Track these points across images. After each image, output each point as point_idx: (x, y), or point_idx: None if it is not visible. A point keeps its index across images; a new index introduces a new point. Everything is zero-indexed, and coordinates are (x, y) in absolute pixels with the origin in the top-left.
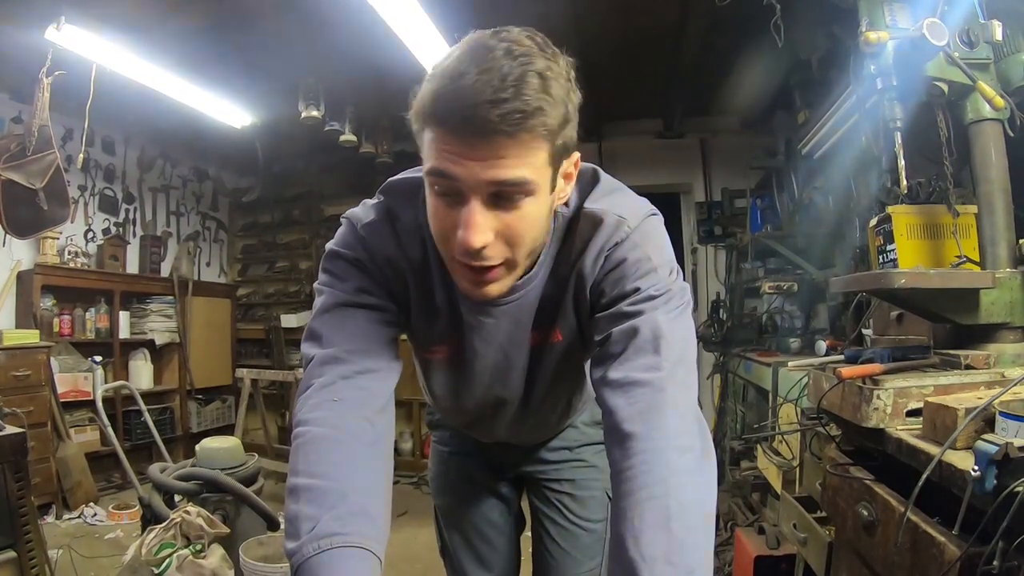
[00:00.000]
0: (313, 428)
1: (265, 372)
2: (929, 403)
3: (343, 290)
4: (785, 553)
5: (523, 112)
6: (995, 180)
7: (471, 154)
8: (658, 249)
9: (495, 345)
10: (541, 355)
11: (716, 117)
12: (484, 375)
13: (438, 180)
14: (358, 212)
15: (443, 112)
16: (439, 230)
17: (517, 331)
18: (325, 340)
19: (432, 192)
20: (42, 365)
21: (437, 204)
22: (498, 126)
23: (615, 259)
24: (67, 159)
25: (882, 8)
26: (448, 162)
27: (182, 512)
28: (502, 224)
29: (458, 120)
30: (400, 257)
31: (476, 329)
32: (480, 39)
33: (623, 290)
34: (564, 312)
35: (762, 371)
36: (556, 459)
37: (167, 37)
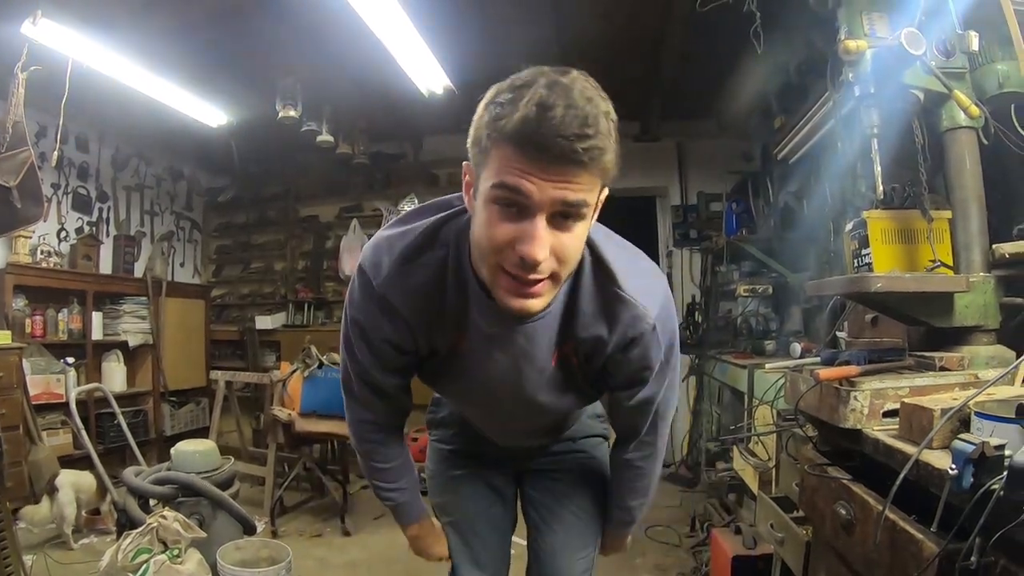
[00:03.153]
0: None
1: (240, 374)
2: (905, 404)
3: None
4: (762, 553)
5: (600, 149)
6: (969, 187)
7: (545, 176)
8: (669, 334)
9: (509, 356)
10: (565, 371)
11: (693, 121)
12: (496, 382)
13: (507, 194)
14: (376, 260)
15: (530, 136)
16: (493, 241)
17: (531, 347)
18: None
19: (491, 205)
20: (14, 367)
21: (495, 216)
22: (579, 157)
23: (637, 347)
24: (40, 156)
25: (861, 17)
26: (522, 179)
27: (158, 517)
28: (557, 242)
29: (544, 146)
30: (432, 289)
31: (495, 342)
32: (552, 76)
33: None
34: (580, 346)
35: (738, 373)
36: (560, 450)
37: (144, 34)
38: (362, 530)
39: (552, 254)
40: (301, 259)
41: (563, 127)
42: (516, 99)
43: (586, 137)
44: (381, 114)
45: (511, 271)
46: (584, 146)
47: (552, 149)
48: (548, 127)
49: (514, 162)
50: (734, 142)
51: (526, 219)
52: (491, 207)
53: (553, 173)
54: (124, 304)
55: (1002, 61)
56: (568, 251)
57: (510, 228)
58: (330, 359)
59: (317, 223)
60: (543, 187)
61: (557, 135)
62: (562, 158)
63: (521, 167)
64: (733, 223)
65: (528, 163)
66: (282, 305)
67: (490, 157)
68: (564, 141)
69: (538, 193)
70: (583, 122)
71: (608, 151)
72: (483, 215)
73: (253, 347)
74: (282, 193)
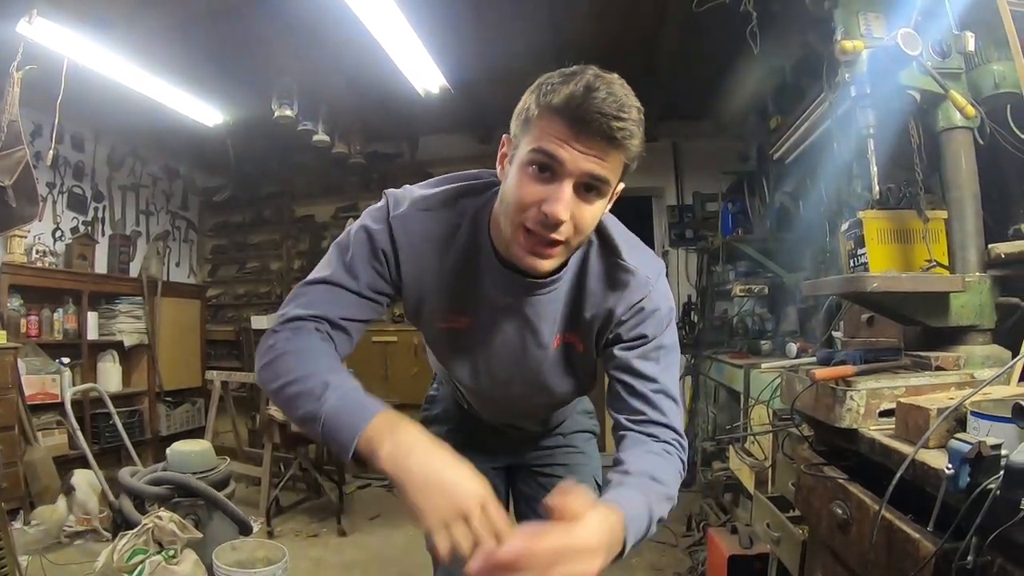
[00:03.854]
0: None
1: (235, 374)
2: (901, 404)
3: (348, 278)
4: (758, 552)
5: (631, 133)
6: (965, 187)
7: (581, 147)
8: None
9: (515, 326)
10: (567, 356)
11: (689, 121)
12: (501, 351)
13: (543, 157)
14: (400, 198)
15: (574, 109)
16: (522, 199)
17: (537, 322)
18: (310, 303)
19: (527, 168)
20: (9, 367)
21: (529, 178)
22: (612, 134)
23: (639, 309)
24: (36, 156)
25: (857, 18)
26: (560, 147)
27: (154, 517)
28: (578, 210)
29: (584, 119)
30: (439, 246)
31: (503, 311)
32: (598, 71)
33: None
34: (587, 329)
35: (734, 373)
36: (551, 444)
37: (140, 33)
38: (358, 530)
39: (571, 220)
40: (297, 259)
41: (604, 106)
42: (566, 81)
43: (621, 119)
44: (377, 114)
45: (532, 228)
46: (619, 125)
47: (592, 123)
48: (591, 104)
49: (555, 131)
50: (730, 142)
51: (555, 182)
52: (526, 169)
53: (588, 146)
54: (120, 304)
55: (998, 62)
56: (585, 221)
57: (540, 189)
58: None
59: (313, 223)
60: (576, 157)
61: (598, 111)
62: (599, 133)
63: (561, 136)
64: (729, 223)
65: (568, 133)
66: (278, 305)
67: (532, 126)
68: (603, 118)
69: (571, 161)
70: (620, 107)
71: (636, 138)
72: (516, 177)
73: (249, 347)
74: (278, 193)
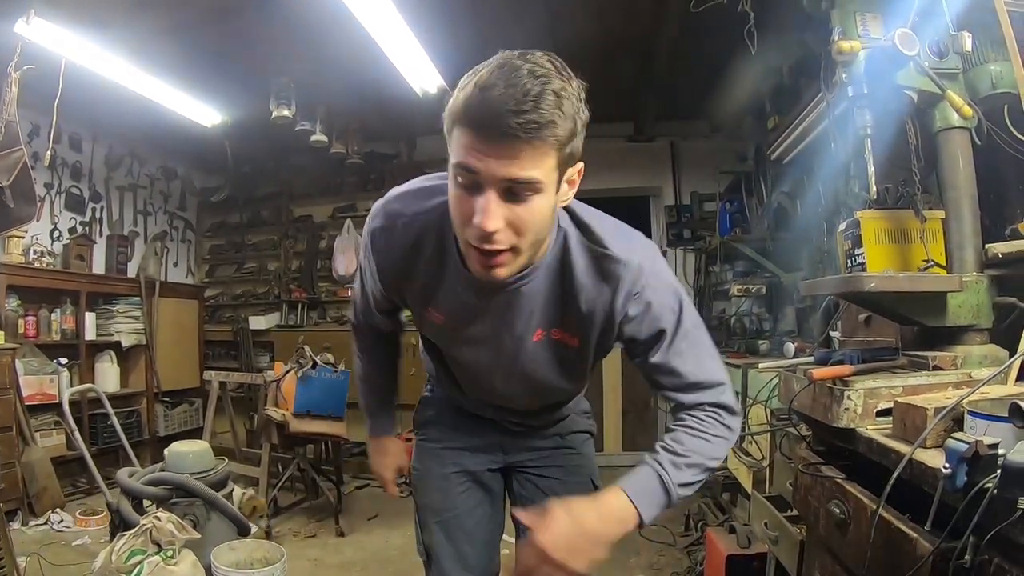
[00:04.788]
0: None
1: (233, 374)
2: (899, 403)
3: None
4: (756, 552)
5: (538, 123)
6: (962, 187)
7: (491, 153)
8: (669, 288)
9: (487, 323)
10: (552, 351)
11: (687, 121)
12: (474, 346)
13: (461, 173)
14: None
15: (472, 116)
16: (458, 216)
17: (511, 316)
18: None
19: (455, 183)
20: (6, 368)
21: (459, 194)
22: (517, 132)
23: (641, 300)
24: (33, 156)
25: (854, 18)
26: (472, 158)
27: (152, 518)
28: (512, 214)
29: (484, 124)
30: (411, 247)
31: (474, 309)
32: (509, 59)
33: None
34: (585, 325)
35: (732, 373)
36: (548, 445)
37: (137, 33)
38: (356, 530)
39: (508, 226)
40: (295, 259)
41: (499, 104)
42: (466, 84)
43: (523, 112)
44: (375, 114)
45: (475, 245)
46: (519, 121)
47: (490, 126)
48: (485, 106)
49: (467, 142)
50: (728, 142)
51: (480, 194)
52: (455, 186)
53: (497, 149)
54: (117, 304)
55: (995, 62)
56: (524, 223)
57: (469, 204)
58: (324, 359)
59: (311, 223)
60: (488, 163)
61: (494, 112)
62: (501, 135)
63: (472, 146)
64: (727, 223)
65: (478, 142)
66: (276, 305)
67: (451, 140)
68: (500, 118)
69: (484, 169)
70: (520, 99)
71: (553, 126)
72: (452, 193)
73: (247, 347)
74: (276, 193)
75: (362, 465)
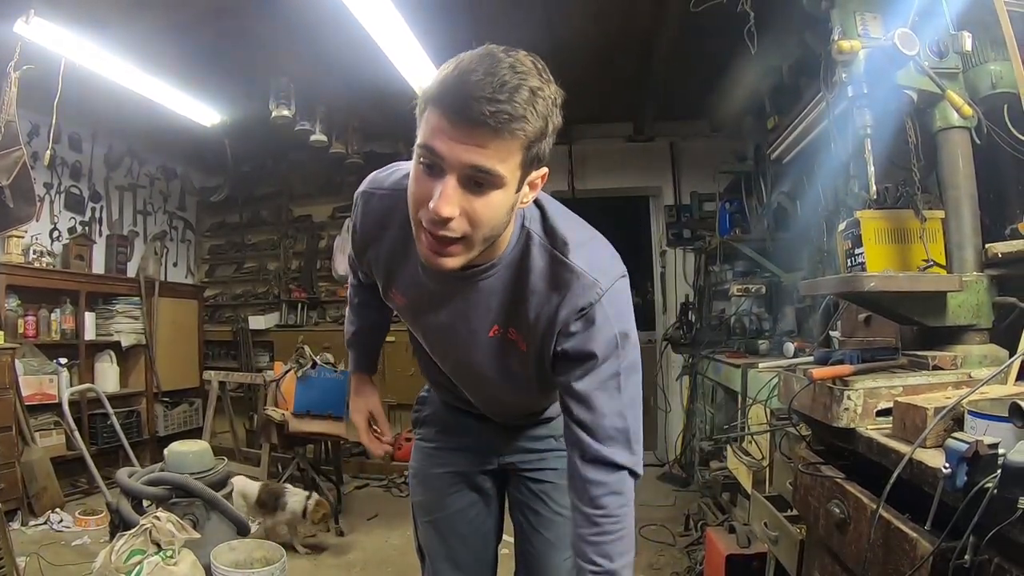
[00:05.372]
0: None
1: (233, 374)
2: (899, 403)
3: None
4: (756, 552)
5: (509, 115)
6: (962, 186)
7: (458, 137)
8: (619, 317)
9: (446, 311)
10: (504, 349)
11: (686, 121)
12: (433, 331)
13: (425, 153)
14: (369, 178)
15: (445, 97)
16: (415, 196)
17: (467, 308)
18: None
19: (417, 164)
20: (6, 368)
21: (419, 174)
22: (487, 120)
23: (586, 320)
24: (33, 156)
25: (854, 18)
26: (438, 141)
27: (151, 518)
28: (469, 205)
29: (456, 107)
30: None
31: (434, 294)
32: (492, 51)
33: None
34: (532, 331)
35: (731, 372)
36: (542, 448)
37: (137, 33)
38: (356, 530)
39: (463, 215)
40: (294, 259)
41: (476, 90)
42: (447, 66)
43: (497, 101)
44: (374, 113)
45: (427, 227)
46: (492, 109)
47: (462, 110)
48: (462, 89)
49: (436, 124)
50: (728, 142)
51: (439, 178)
52: (416, 167)
53: (464, 135)
54: (117, 304)
55: (995, 61)
56: (480, 216)
57: (427, 186)
58: (323, 359)
59: (310, 223)
60: (453, 147)
61: (469, 96)
62: (471, 120)
63: (440, 128)
64: (726, 223)
65: (447, 125)
66: (275, 305)
67: (421, 121)
68: (474, 103)
69: (449, 153)
70: (497, 88)
71: (524, 121)
72: (412, 174)
73: (246, 347)
74: (275, 193)
75: (362, 465)
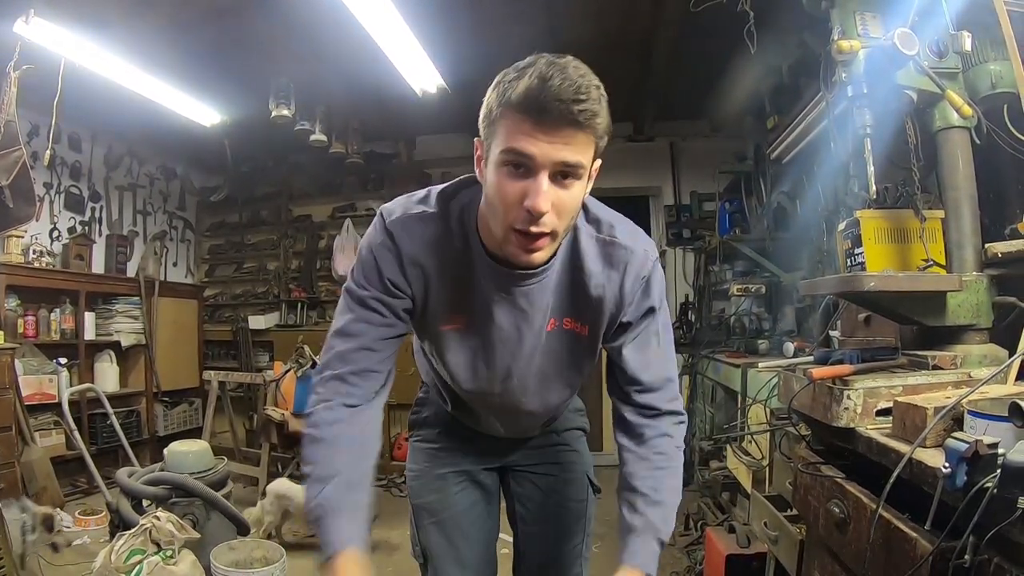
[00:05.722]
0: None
1: (233, 374)
2: (899, 403)
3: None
4: (756, 552)
5: (594, 112)
6: (962, 186)
7: (547, 137)
8: (663, 279)
9: (511, 319)
10: (562, 341)
11: (686, 121)
12: (498, 346)
13: (514, 156)
14: (392, 207)
15: (532, 102)
16: (504, 201)
17: (531, 310)
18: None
19: (502, 169)
20: (6, 367)
21: (506, 178)
22: (576, 118)
23: (647, 286)
24: (33, 156)
25: (854, 17)
26: (526, 143)
27: (151, 518)
28: (557, 198)
29: (545, 110)
30: (435, 246)
31: (497, 304)
32: (552, 58)
33: (646, 306)
34: (595, 311)
35: (731, 372)
36: (544, 443)
37: (137, 33)
38: None
39: (553, 209)
40: (294, 259)
41: (560, 93)
42: (520, 75)
43: (580, 101)
44: (374, 113)
45: (520, 228)
46: (580, 108)
47: (552, 112)
48: (548, 93)
49: (519, 128)
50: (727, 142)
51: (531, 177)
52: (501, 170)
53: (553, 135)
54: (117, 304)
55: (995, 61)
56: (566, 207)
57: (518, 186)
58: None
59: (310, 223)
60: (544, 148)
61: (556, 99)
62: (560, 119)
63: (525, 131)
64: (726, 223)
65: (531, 127)
66: (275, 305)
67: (498, 127)
68: (562, 104)
69: (540, 154)
70: (577, 89)
71: (600, 115)
72: (494, 178)
73: (246, 347)
74: (275, 193)
75: None
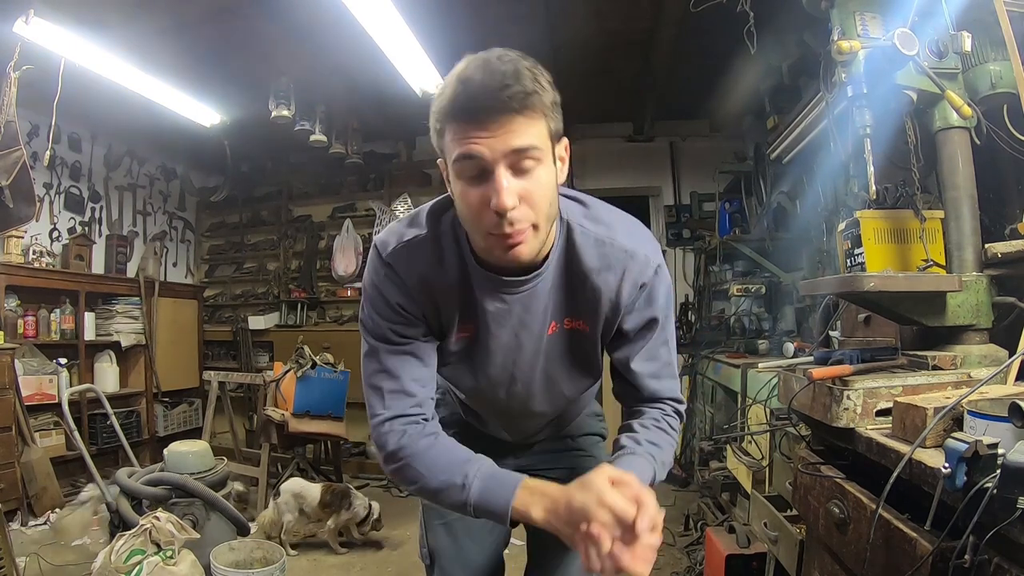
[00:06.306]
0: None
1: (233, 374)
2: (898, 403)
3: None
4: (756, 552)
5: (525, 92)
6: (962, 186)
7: (487, 133)
8: (669, 286)
9: (508, 328)
10: (566, 340)
11: (686, 121)
12: (498, 354)
13: (466, 164)
14: (386, 239)
15: (462, 106)
16: (471, 209)
17: (528, 316)
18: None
19: (461, 179)
20: (6, 368)
21: (466, 187)
22: (509, 104)
23: (648, 295)
24: (33, 156)
25: (854, 18)
26: (472, 145)
27: (151, 518)
28: (523, 189)
29: (475, 108)
30: (434, 266)
31: (493, 314)
32: (474, 57)
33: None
34: (593, 308)
35: (731, 372)
36: (559, 448)
37: (137, 33)
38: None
39: (522, 202)
40: (294, 259)
41: (484, 87)
42: (446, 85)
43: (507, 87)
44: (374, 114)
45: (495, 232)
46: (507, 94)
47: (482, 107)
48: (472, 91)
49: (462, 134)
50: (727, 142)
51: (488, 180)
52: (460, 181)
53: (492, 128)
54: (117, 304)
55: (995, 62)
56: (535, 194)
57: (480, 192)
58: (323, 359)
59: (310, 223)
60: (488, 143)
61: (481, 94)
62: (492, 111)
63: (470, 135)
64: (726, 223)
65: (470, 128)
66: (275, 305)
67: (445, 141)
68: (488, 96)
69: (487, 150)
70: (503, 76)
71: (537, 93)
72: (458, 190)
73: (246, 347)
74: (275, 193)
75: (361, 465)
